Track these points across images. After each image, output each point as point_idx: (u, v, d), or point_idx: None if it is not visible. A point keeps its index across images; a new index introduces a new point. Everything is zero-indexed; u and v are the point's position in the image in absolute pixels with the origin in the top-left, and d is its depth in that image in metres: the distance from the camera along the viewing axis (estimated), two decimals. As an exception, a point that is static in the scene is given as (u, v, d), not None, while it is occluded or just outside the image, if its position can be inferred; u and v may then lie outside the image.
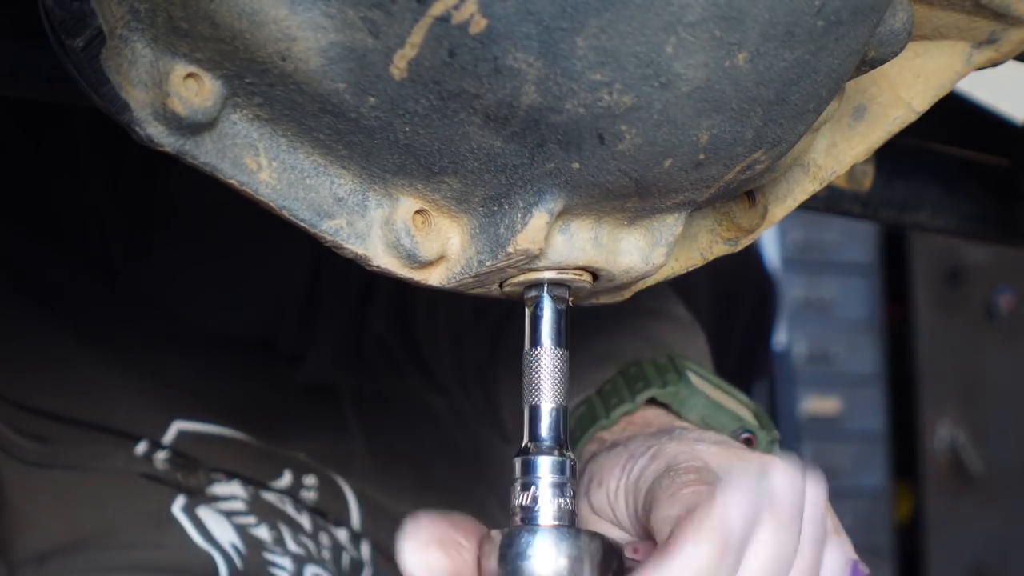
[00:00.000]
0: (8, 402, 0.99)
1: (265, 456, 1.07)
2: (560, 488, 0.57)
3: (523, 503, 0.57)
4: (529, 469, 0.57)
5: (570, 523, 0.57)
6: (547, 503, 0.57)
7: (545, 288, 0.59)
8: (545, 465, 0.57)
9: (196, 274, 1.05)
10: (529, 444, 0.58)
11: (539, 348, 0.58)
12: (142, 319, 1.05)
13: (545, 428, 0.58)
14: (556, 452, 0.57)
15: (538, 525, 0.56)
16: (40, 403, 1.00)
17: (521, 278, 0.58)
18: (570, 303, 0.59)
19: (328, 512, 1.09)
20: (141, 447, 1.02)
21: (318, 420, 1.12)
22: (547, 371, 0.58)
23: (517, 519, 0.57)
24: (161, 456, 1.02)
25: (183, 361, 1.06)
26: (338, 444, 1.12)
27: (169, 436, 1.03)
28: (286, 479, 1.07)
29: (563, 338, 0.58)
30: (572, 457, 0.58)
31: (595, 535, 0.57)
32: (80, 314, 1.04)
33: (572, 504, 0.57)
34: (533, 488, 0.57)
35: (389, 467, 1.13)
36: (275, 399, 1.10)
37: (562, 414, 0.58)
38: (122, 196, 1.02)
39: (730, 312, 1.42)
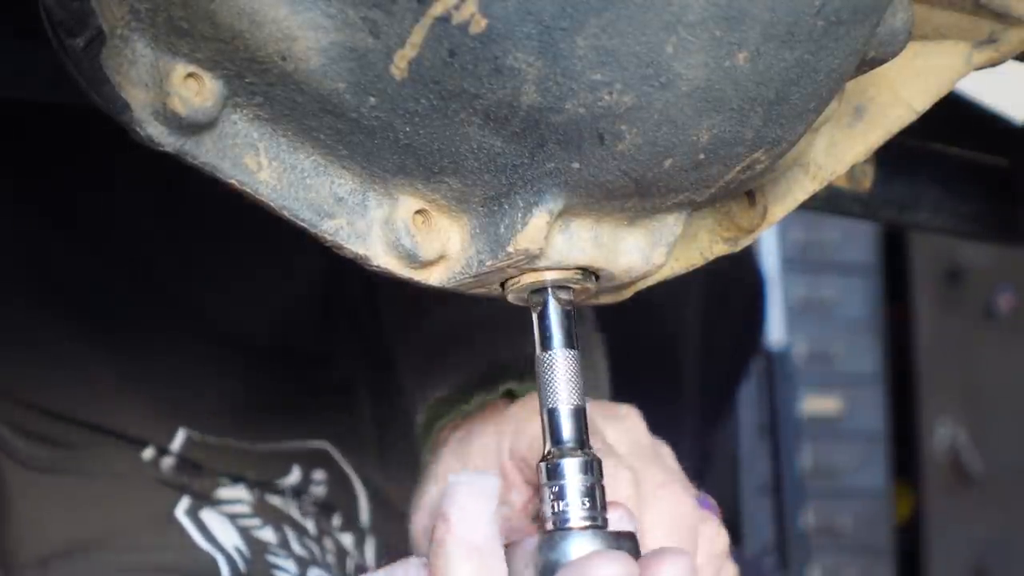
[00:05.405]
0: (15, 401, 0.99)
1: (272, 456, 1.07)
2: (588, 489, 0.57)
3: (553, 508, 0.57)
4: (555, 473, 0.57)
5: (602, 524, 0.57)
6: (577, 505, 0.56)
7: (549, 291, 0.58)
8: (571, 467, 0.57)
9: (221, 276, 1.05)
10: (552, 448, 0.57)
11: (551, 351, 0.58)
12: (163, 322, 1.05)
13: (566, 430, 0.57)
14: (580, 453, 0.57)
15: (570, 528, 0.56)
16: (48, 403, 1.00)
17: (524, 280, 0.58)
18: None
19: (337, 507, 1.09)
20: (148, 452, 1.02)
21: (334, 414, 1.12)
22: (561, 373, 0.58)
23: (548, 524, 0.57)
24: (168, 461, 1.02)
25: (194, 365, 1.05)
26: (353, 434, 1.12)
27: (177, 442, 1.03)
28: (295, 475, 1.07)
29: (572, 339, 0.58)
30: (596, 456, 0.57)
31: (629, 535, 0.57)
32: (101, 318, 1.03)
33: (602, 503, 0.57)
34: (561, 491, 0.57)
35: (400, 460, 1.12)
36: (288, 400, 1.10)
37: (581, 414, 0.57)
38: (159, 201, 1.02)
39: (721, 310, 1.42)
